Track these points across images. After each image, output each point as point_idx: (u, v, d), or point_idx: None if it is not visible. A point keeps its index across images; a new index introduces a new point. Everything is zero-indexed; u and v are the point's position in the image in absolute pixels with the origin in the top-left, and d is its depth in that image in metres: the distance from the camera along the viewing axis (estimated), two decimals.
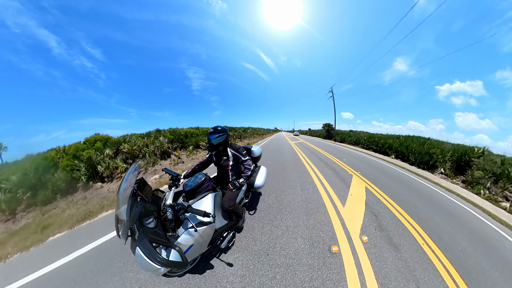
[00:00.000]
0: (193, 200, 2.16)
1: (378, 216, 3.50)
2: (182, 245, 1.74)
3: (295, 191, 4.61)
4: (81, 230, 3.51)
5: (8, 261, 2.86)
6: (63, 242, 3.15)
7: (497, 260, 2.64)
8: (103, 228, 3.36)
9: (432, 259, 2.51)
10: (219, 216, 2.32)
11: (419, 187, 5.68)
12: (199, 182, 2.26)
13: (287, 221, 3.23)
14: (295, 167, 7.10)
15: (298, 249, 2.55)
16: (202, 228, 1.86)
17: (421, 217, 3.61)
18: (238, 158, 2.69)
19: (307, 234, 2.88)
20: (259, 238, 2.79)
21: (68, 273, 2.37)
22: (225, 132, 2.54)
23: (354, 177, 5.95)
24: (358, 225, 3.17)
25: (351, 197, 4.32)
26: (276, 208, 3.69)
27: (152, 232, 1.64)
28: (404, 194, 4.84)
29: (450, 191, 5.52)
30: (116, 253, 2.62)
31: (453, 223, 3.52)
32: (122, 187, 1.73)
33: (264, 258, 2.40)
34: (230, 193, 2.46)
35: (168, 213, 1.79)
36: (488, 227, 3.61)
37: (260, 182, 3.11)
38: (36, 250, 3.04)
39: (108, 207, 4.33)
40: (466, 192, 5.73)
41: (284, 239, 2.76)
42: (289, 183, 5.21)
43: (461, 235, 3.14)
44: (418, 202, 4.33)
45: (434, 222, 3.48)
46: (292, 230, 2.98)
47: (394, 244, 2.75)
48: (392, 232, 3.05)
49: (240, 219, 2.67)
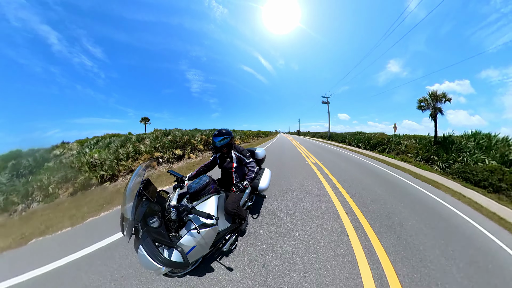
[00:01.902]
0: (197, 202, 2.18)
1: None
2: (184, 246, 1.76)
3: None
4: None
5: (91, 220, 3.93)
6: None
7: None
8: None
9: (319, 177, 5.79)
10: (222, 219, 2.33)
11: (343, 153, 12.84)
12: (203, 184, 2.29)
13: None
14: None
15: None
16: (205, 230, 1.87)
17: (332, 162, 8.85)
18: (242, 160, 2.71)
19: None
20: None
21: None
22: (229, 135, 2.57)
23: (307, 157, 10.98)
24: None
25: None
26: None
27: (156, 232, 1.66)
28: (333, 157, 10.69)
29: (363, 154, 12.70)
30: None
31: (347, 161, 9.83)
32: (128, 186, 1.78)
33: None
34: (234, 196, 2.47)
35: (172, 214, 1.81)
36: (364, 160, 9.73)
37: (264, 184, 3.10)
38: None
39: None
40: (370, 153, 13.47)
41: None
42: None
43: (346, 164, 8.59)
44: (338, 159, 10.10)
45: (338, 165, 8.36)
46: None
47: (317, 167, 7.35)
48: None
49: (244, 222, 2.66)
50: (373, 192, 4.71)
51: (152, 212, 1.76)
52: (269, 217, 3.44)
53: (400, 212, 3.68)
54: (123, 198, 1.75)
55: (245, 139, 23.63)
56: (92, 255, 2.67)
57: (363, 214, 3.53)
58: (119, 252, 2.65)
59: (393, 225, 3.19)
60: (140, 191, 1.73)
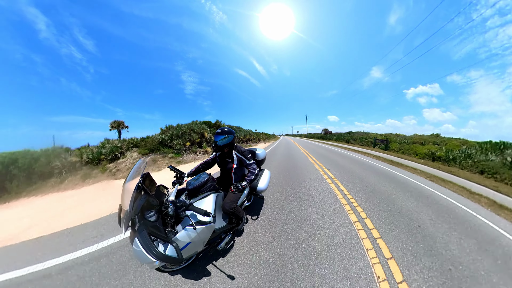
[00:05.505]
0: (195, 199, 2.19)
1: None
2: (180, 242, 1.77)
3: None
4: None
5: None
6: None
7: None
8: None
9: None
10: (219, 217, 2.33)
11: (330, 148, 18.13)
12: (202, 182, 2.30)
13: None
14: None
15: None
16: (201, 227, 1.87)
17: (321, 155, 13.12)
18: (243, 162, 2.70)
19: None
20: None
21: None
22: (231, 134, 2.56)
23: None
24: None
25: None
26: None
27: (152, 226, 1.68)
28: (321, 150, 15.61)
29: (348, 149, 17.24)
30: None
31: (335, 154, 13.23)
32: (128, 179, 1.80)
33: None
34: (232, 195, 2.47)
35: (169, 209, 1.82)
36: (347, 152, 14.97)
37: (263, 185, 3.09)
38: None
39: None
40: (359, 149, 18.06)
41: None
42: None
43: (335, 156, 12.63)
44: (326, 152, 14.33)
45: (326, 156, 12.02)
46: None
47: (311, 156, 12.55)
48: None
49: (241, 222, 2.65)
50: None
51: (150, 206, 1.77)
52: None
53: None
54: (122, 190, 1.77)
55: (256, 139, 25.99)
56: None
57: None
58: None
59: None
60: (140, 184, 1.75)
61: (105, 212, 3.93)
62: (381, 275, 2.13)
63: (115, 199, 4.70)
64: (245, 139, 24.08)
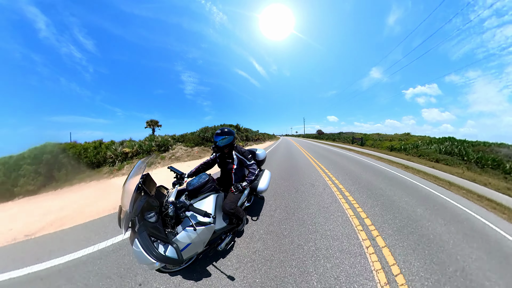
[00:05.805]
0: (195, 200, 2.18)
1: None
2: (180, 243, 1.76)
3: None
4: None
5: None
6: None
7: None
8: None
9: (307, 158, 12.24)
10: (220, 218, 2.32)
11: (326, 147, 20.45)
12: (203, 182, 2.29)
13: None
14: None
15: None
16: (201, 228, 1.86)
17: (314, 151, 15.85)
18: (243, 162, 2.68)
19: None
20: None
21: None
22: (231, 134, 2.55)
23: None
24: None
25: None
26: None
27: (152, 227, 1.67)
28: (310, 146, 22.25)
29: (331, 145, 24.59)
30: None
31: (319, 148, 19.57)
32: (128, 180, 1.79)
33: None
34: (232, 196, 2.46)
35: (169, 210, 1.81)
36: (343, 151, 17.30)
37: (263, 186, 3.09)
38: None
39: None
40: (340, 145, 26.09)
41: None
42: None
43: (318, 148, 18.57)
44: (321, 150, 16.99)
45: (312, 149, 17.51)
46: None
47: (307, 151, 15.44)
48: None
49: (241, 223, 2.64)
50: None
51: (150, 207, 1.77)
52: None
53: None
54: (122, 191, 1.77)
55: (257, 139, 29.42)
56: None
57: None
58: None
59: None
60: (140, 185, 1.74)
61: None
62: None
63: (169, 180, 5.32)
64: (256, 138, 29.49)
